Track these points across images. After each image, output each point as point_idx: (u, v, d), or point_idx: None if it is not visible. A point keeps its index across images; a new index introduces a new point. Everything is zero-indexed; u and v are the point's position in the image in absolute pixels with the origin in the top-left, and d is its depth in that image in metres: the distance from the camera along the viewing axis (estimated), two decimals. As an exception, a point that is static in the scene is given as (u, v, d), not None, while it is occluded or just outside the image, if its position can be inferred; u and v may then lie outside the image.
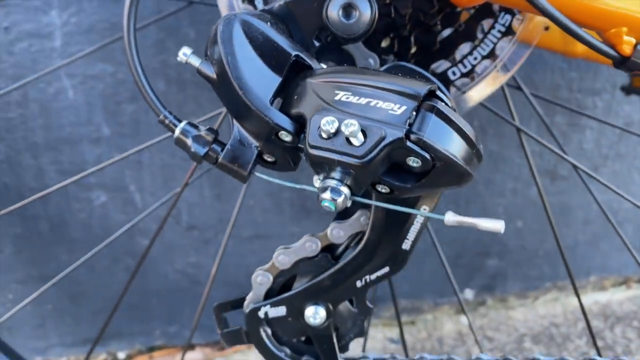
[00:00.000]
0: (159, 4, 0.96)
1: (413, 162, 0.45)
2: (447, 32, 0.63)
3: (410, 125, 0.44)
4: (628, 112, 1.36)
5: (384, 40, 0.61)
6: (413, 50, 0.62)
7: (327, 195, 0.46)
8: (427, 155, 0.44)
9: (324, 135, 0.45)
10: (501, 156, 1.33)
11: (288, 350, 0.66)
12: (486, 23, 0.64)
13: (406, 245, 0.60)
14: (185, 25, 1.01)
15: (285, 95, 0.49)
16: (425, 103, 0.45)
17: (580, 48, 0.88)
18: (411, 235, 0.60)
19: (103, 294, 1.21)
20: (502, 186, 1.37)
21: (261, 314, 0.63)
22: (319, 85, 0.47)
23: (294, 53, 0.49)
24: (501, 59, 0.65)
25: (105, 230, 1.16)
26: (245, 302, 0.64)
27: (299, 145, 0.49)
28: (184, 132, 0.52)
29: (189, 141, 0.51)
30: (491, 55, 0.65)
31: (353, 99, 0.45)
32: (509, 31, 0.64)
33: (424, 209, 0.58)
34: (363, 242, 0.60)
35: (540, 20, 0.88)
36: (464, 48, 0.64)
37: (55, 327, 1.23)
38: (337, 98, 0.45)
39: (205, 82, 0.50)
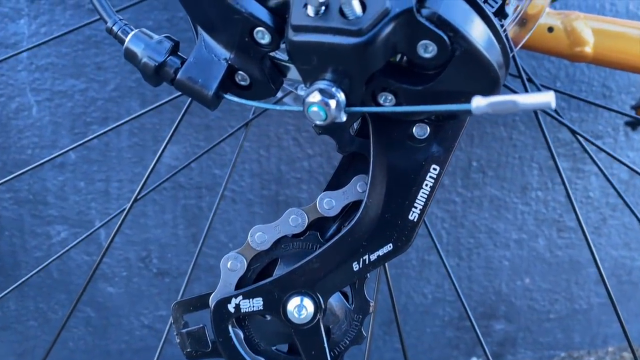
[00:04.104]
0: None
1: (425, 50, 0.35)
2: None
3: (421, -3, 0.35)
4: (632, 158, 1.29)
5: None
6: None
7: (316, 97, 0.36)
8: (444, 35, 0.34)
9: (311, 12, 0.35)
10: (503, 202, 1.23)
11: (265, 362, 0.52)
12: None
13: (413, 216, 0.48)
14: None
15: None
16: (438, -25, 0.36)
17: (590, 51, 0.82)
18: (419, 202, 0.48)
19: (56, 353, 1.04)
20: (506, 237, 1.26)
21: (231, 307, 0.49)
22: (305, -30, 0.38)
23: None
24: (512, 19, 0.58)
25: (63, 274, 1.02)
26: (212, 295, 0.51)
27: (282, 60, 0.40)
28: (134, 41, 0.42)
29: (140, 51, 0.41)
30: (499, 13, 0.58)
31: (348, -25, 0.36)
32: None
33: (434, 169, 0.48)
34: (360, 211, 0.48)
35: (543, 23, 0.84)
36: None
37: (-5, 395, 1.05)
38: (327, -23, 0.37)
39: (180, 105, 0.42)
